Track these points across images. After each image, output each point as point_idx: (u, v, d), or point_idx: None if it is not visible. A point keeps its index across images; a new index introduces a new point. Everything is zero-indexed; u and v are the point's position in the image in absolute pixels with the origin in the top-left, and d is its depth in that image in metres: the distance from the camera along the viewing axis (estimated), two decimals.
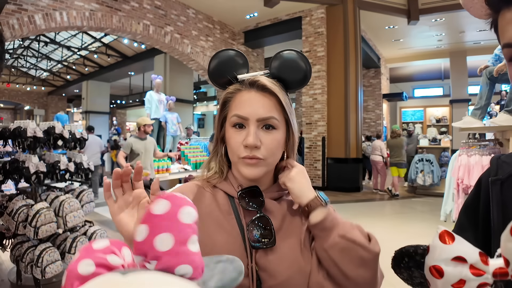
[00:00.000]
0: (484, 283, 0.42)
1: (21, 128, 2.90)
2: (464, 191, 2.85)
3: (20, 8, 5.30)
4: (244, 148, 0.69)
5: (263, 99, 0.71)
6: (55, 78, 17.50)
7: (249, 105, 0.70)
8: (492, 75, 2.92)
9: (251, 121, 0.70)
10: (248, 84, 0.72)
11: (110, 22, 6.62)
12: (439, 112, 13.79)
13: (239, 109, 0.71)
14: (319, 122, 8.29)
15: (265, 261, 0.69)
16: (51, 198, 3.01)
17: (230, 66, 0.75)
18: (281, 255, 0.70)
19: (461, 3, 0.55)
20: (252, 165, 0.70)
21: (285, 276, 0.68)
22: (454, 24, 9.29)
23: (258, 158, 0.69)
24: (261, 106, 0.70)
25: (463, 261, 0.42)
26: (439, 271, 0.44)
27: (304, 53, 6.76)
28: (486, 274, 0.42)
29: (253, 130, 0.69)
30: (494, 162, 0.64)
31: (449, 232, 0.44)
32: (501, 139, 2.93)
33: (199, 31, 8.61)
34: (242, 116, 0.70)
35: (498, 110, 6.24)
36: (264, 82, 0.70)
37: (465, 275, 0.42)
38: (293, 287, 0.69)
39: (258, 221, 0.70)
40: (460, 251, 0.43)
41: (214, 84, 0.79)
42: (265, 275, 0.68)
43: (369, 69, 12.18)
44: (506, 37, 0.48)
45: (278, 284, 0.68)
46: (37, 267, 2.74)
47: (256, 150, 0.69)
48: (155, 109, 7.05)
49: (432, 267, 0.44)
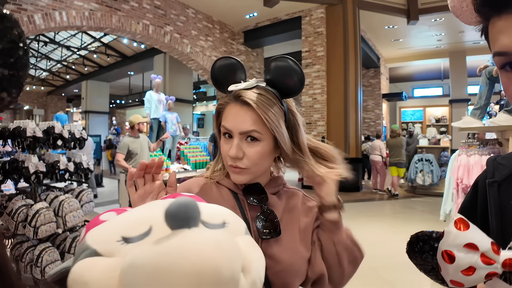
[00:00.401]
0: (493, 273, 0.43)
1: (20, 128, 2.90)
2: (463, 191, 2.85)
3: (19, 8, 5.30)
4: (229, 158, 0.75)
5: (246, 113, 0.73)
6: (55, 78, 17.49)
7: (233, 119, 0.74)
8: (492, 75, 2.92)
9: (235, 133, 0.74)
10: (233, 97, 0.75)
11: (110, 22, 6.62)
12: (439, 112, 13.80)
13: (225, 121, 0.76)
14: (319, 122, 8.29)
15: (270, 250, 0.75)
16: (51, 198, 3.01)
17: (226, 75, 0.78)
18: (284, 244, 0.77)
19: (450, 10, 0.54)
20: (237, 173, 0.76)
21: (288, 262, 0.76)
22: (453, 24, 9.29)
23: (239, 167, 0.75)
24: (243, 120, 0.73)
25: (475, 249, 0.44)
26: (451, 256, 0.45)
27: (304, 53, 6.70)
28: (496, 263, 0.43)
29: (236, 143, 0.74)
30: (490, 164, 0.65)
31: (464, 219, 0.46)
32: (500, 139, 2.93)
33: (199, 31, 8.61)
34: (227, 129, 0.75)
35: (498, 110, 6.24)
36: (246, 98, 0.72)
37: (475, 262, 0.44)
38: (294, 271, 0.77)
39: (263, 215, 0.77)
40: (473, 238, 0.44)
41: (217, 89, 0.85)
42: (271, 262, 0.74)
43: (368, 69, 12.19)
44: (497, 46, 0.47)
45: (282, 269, 0.75)
46: (36, 267, 2.73)
47: (238, 160, 0.74)
48: (155, 109, 7.05)
49: (444, 252, 0.46)
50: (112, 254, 0.38)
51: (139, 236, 0.39)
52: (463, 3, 0.51)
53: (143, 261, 0.33)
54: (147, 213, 0.43)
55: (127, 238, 0.39)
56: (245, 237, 0.45)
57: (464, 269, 0.45)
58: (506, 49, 0.46)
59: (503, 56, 0.47)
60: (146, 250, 0.34)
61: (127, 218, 0.43)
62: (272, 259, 0.75)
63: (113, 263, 0.36)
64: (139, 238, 0.38)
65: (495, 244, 0.44)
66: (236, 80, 0.77)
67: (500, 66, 0.49)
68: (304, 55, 8.42)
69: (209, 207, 0.47)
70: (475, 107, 3.12)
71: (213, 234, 0.37)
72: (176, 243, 0.34)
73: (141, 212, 0.44)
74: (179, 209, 0.36)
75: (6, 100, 0.34)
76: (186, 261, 0.32)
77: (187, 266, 0.32)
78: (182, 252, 0.33)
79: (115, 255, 0.37)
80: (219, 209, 0.48)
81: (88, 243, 0.40)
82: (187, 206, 0.37)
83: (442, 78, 14.14)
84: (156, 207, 0.43)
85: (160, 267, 0.32)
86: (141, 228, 0.40)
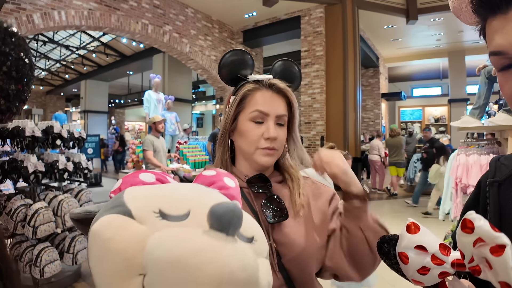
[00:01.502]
0: (445, 272, 0.46)
1: (19, 127, 2.90)
2: (462, 190, 2.86)
3: (18, 7, 5.28)
4: (264, 140, 0.80)
5: (279, 99, 0.83)
6: (54, 78, 17.45)
7: (270, 103, 0.82)
8: (491, 74, 2.92)
9: (271, 117, 0.81)
10: (267, 85, 0.83)
11: (109, 21, 6.61)
12: (438, 112, 13.82)
13: (260, 105, 0.81)
14: (318, 121, 8.29)
15: (281, 237, 0.78)
16: (50, 198, 3.01)
17: (240, 65, 0.87)
18: (294, 230, 0.79)
19: (451, 10, 0.55)
20: (270, 155, 0.81)
21: (300, 248, 0.77)
22: (452, 23, 9.30)
23: (274, 149, 0.81)
24: (278, 105, 0.83)
25: (425, 250, 0.47)
26: (406, 257, 0.49)
27: (303, 52, 6.69)
28: (446, 264, 0.46)
29: (273, 125, 0.81)
30: (492, 164, 0.65)
31: (416, 223, 0.49)
32: (499, 138, 2.93)
33: (198, 30, 8.60)
34: (264, 112, 0.81)
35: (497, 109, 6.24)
36: (280, 86, 0.83)
37: (427, 263, 0.47)
38: (309, 257, 0.78)
39: (269, 202, 0.80)
40: (422, 241, 0.47)
41: (222, 78, 0.90)
42: (284, 249, 0.77)
43: (367, 68, 12.19)
44: (493, 45, 0.48)
45: (296, 255, 0.77)
46: (35, 266, 2.73)
47: (274, 142, 0.80)
48: (154, 108, 7.04)
49: (400, 253, 0.50)
50: (144, 222, 0.37)
51: (176, 217, 0.38)
52: (463, 4, 0.52)
53: (171, 248, 0.33)
54: (190, 196, 0.42)
55: (164, 214, 0.38)
56: (265, 261, 0.45)
57: (419, 269, 0.47)
58: (501, 48, 0.47)
59: (498, 55, 0.48)
60: (179, 239, 0.34)
61: (170, 192, 0.43)
62: (286, 246, 0.77)
63: (143, 233, 0.36)
64: (176, 219, 0.38)
65: (445, 246, 0.47)
66: (247, 71, 0.87)
67: (496, 66, 0.50)
68: (303, 55, 8.41)
69: (247, 218, 0.46)
70: (474, 107, 3.12)
71: (243, 251, 0.37)
72: (209, 246, 0.34)
73: (185, 191, 0.44)
74: (226, 214, 0.37)
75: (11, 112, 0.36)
76: (210, 267, 0.33)
77: (210, 272, 0.32)
78: (211, 257, 0.33)
79: (147, 225, 0.37)
80: (253, 223, 0.48)
81: (125, 200, 0.40)
82: (234, 213, 0.37)
83: (441, 78, 14.15)
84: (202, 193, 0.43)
85: (184, 262, 0.32)
86: (180, 208, 0.39)
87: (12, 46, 0.33)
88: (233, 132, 0.86)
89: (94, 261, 0.36)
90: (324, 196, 0.88)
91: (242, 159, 0.87)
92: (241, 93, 0.84)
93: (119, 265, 0.34)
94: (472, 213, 0.40)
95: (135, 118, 22.44)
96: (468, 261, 0.43)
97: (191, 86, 12.63)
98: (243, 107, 0.83)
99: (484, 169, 2.67)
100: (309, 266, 0.79)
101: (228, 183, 0.55)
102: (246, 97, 0.83)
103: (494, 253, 0.38)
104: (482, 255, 0.40)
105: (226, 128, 0.86)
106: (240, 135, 0.83)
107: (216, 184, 0.54)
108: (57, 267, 2.84)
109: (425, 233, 0.48)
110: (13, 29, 0.34)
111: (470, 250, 0.41)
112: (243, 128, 0.82)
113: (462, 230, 0.41)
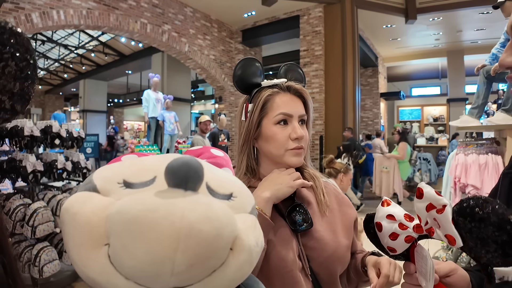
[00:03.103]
0: (410, 236, 0.58)
1: (18, 127, 2.89)
2: (461, 190, 2.86)
3: (17, 7, 5.27)
4: (292, 140, 0.82)
5: (297, 100, 0.87)
6: (52, 77, 17.41)
7: (292, 105, 0.84)
8: (489, 74, 2.92)
9: (295, 117, 0.84)
10: (285, 88, 0.86)
11: (108, 21, 6.59)
12: (437, 111, 13.83)
13: (283, 108, 0.83)
14: (317, 121, 8.30)
15: (310, 242, 0.80)
16: (49, 197, 3.01)
17: (252, 72, 0.89)
18: (322, 235, 0.81)
19: None
20: (299, 154, 0.84)
21: (331, 251, 0.79)
22: (451, 23, 9.31)
23: (302, 148, 0.84)
24: (298, 105, 0.86)
25: (394, 219, 0.59)
26: (380, 226, 0.61)
27: (302, 52, 6.70)
28: (409, 229, 0.57)
29: (298, 125, 0.84)
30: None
31: (389, 200, 0.62)
32: (498, 138, 2.94)
33: (197, 29, 8.59)
34: (288, 114, 0.83)
35: (495, 109, 6.26)
36: (297, 87, 0.87)
37: (395, 229, 0.59)
38: (338, 258, 0.81)
39: (293, 211, 0.81)
40: (391, 211, 0.60)
41: (238, 88, 0.90)
42: (314, 253, 0.79)
43: (366, 68, 12.19)
44: None
45: (325, 259, 0.79)
46: (34, 266, 2.73)
47: (302, 140, 0.83)
48: (153, 108, 7.04)
49: (376, 223, 0.62)
50: (108, 194, 0.37)
51: (140, 184, 0.38)
52: None
53: (128, 211, 0.32)
54: (156, 162, 0.41)
55: (128, 183, 0.38)
56: (248, 216, 0.42)
57: (390, 235, 0.59)
58: None
59: None
60: (135, 202, 0.33)
61: (136, 163, 0.42)
62: (315, 250, 0.79)
63: (105, 203, 0.36)
64: (140, 186, 0.37)
65: (408, 215, 0.59)
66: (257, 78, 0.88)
67: None
68: (302, 54, 8.41)
69: (221, 174, 0.44)
70: (473, 106, 3.13)
71: (207, 202, 0.35)
72: (164, 202, 0.33)
73: (152, 160, 0.42)
74: (180, 168, 0.36)
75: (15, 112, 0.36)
76: (165, 222, 0.31)
77: (165, 228, 0.31)
78: (165, 212, 0.32)
79: (111, 195, 0.37)
80: (232, 180, 0.45)
81: (92, 177, 0.40)
82: (190, 167, 0.36)
83: (440, 77, 14.16)
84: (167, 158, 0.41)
85: (142, 222, 0.31)
86: (145, 176, 0.38)
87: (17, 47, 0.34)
88: (257, 139, 0.87)
89: (66, 237, 0.36)
90: (350, 209, 0.91)
91: (269, 164, 0.88)
92: (262, 99, 0.85)
93: (85, 236, 0.34)
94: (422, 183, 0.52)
95: (134, 117, 22.41)
96: (424, 224, 0.54)
97: (190, 85, 12.62)
98: (265, 113, 0.85)
99: (482, 168, 2.67)
100: (336, 269, 0.81)
101: (216, 153, 0.55)
102: (267, 102, 0.85)
103: (439, 212, 0.50)
104: (432, 216, 0.51)
105: (250, 135, 0.87)
106: (267, 140, 0.84)
107: (204, 154, 0.54)
108: (56, 266, 2.84)
109: (395, 206, 0.60)
110: (18, 30, 0.34)
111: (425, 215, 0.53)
112: (270, 132, 0.84)
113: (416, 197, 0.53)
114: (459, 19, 8.98)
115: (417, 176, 7.72)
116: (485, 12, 8.14)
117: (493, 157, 2.66)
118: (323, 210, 0.84)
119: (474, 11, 8.10)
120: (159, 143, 7.30)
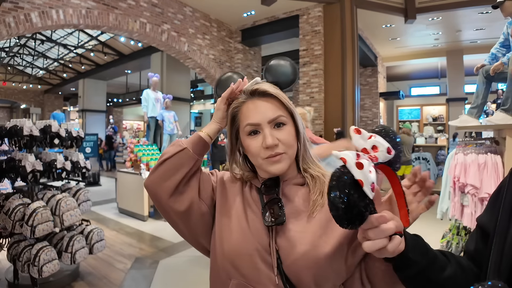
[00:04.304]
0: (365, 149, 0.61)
1: (17, 126, 2.89)
2: (460, 189, 2.86)
3: (16, 6, 5.26)
4: (264, 150, 0.77)
5: (266, 102, 0.79)
6: (52, 77, 17.39)
7: (257, 112, 0.79)
8: (489, 73, 2.92)
9: (264, 124, 0.78)
10: (249, 94, 0.81)
11: (107, 20, 6.58)
12: (436, 111, 13.82)
13: (249, 118, 0.79)
14: (316, 120, 8.30)
15: (283, 241, 0.75)
16: (48, 197, 3.00)
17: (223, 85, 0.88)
18: (299, 235, 0.75)
19: None
20: (277, 162, 0.77)
21: (299, 255, 0.72)
22: (451, 23, 9.31)
23: (280, 154, 0.77)
24: (267, 109, 0.79)
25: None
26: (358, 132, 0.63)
27: (301, 51, 6.70)
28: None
29: (268, 132, 0.77)
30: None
31: (358, 128, 0.63)
32: (497, 137, 2.94)
33: (196, 29, 8.58)
34: (254, 124, 0.78)
35: (495, 108, 6.27)
36: (263, 88, 0.80)
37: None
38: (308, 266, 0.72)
39: (270, 205, 0.78)
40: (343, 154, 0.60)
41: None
42: (282, 253, 0.74)
43: (366, 67, 12.19)
44: None
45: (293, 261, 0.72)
46: (34, 266, 2.73)
47: (276, 147, 0.77)
48: (152, 107, 7.04)
49: (354, 129, 0.62)
50: None
51: None
52: None
53: None
54: None
55: None
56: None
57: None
58: None
59: None
60: None
61: None
62: (284, 249, 0.74)
63: None
64: None
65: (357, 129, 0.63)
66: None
67: None
68: (302, 54, 8.41)
69: None
70: (472, 106, 3.13)
71: None
72: None
73: None
74: None
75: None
76: None
77: None
78: None
79: None
80: None
81: None
82: None
83: (439, 77, 14.17)
84: None
85: None
86: None
87: None
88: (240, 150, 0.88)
89: None
90: None
91: (259, 170, 0.86)
92: (230, 113, 0.84)
93: None
94: (352, 127, 0.62)
95: (133, 117, 22.41)
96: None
97: (189, 85, 12.61)
98: (238, 125, 0.83)
99: (482, 168, 2.67)
100: (307, 277, 0.72)
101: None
102: (236, 115, 0.83)
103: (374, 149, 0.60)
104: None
105: (232, 149, 0.87)
106: (246, 151, 0.83)
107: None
108: (55, 266, 2.84)
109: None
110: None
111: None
112: (245, 144, 0.82)
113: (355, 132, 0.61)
114: (459, 18, 8.99)
115: None
116: (484, 12, 8.14)
117: (492, 157, 2.66)
118: (312, 210, 0.77)
119: (473, 10, 8.10)
120: (158, 142, 7.30)
